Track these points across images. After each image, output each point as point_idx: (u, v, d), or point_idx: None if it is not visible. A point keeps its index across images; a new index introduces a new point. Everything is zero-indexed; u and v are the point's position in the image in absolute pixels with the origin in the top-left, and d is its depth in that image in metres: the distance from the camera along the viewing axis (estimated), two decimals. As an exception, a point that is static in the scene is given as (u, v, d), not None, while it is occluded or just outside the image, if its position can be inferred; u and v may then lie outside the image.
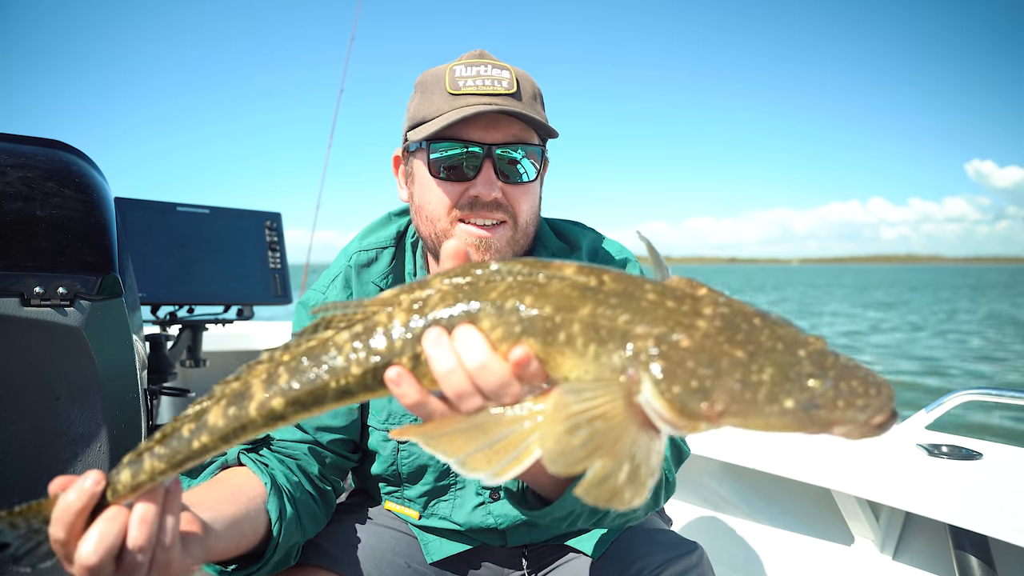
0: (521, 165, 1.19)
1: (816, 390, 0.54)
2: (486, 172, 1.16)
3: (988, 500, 1.54)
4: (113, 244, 1.23)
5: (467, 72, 1.16)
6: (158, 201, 2.48)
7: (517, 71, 1.19)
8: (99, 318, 1.18)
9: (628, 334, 0.58)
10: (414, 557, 1.29)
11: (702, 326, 0.57)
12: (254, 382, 0.70)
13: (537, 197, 1.25)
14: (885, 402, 0.55)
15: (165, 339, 2.49)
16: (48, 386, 1.16)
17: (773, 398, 0.54)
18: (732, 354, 0.56)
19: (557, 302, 0.60)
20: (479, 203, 1.16)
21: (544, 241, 1.33)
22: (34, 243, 1.15)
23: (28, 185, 1.19)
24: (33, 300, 1.13)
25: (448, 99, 1.15)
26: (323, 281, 1.34)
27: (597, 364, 0.58)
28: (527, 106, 1.18)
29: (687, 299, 0.60)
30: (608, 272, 0.62)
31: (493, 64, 1.18)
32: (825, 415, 0.54)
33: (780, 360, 0.56)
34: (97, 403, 1.19)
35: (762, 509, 2.27)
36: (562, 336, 0.59)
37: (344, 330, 0.67)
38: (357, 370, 0.66)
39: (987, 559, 1.67)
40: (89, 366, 1.18)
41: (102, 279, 1.18)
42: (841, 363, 0.56)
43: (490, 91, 1.15)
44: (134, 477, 0.74)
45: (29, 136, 1.30)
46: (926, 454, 1.83)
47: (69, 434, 1.18)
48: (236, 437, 0.71)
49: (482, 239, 1.17)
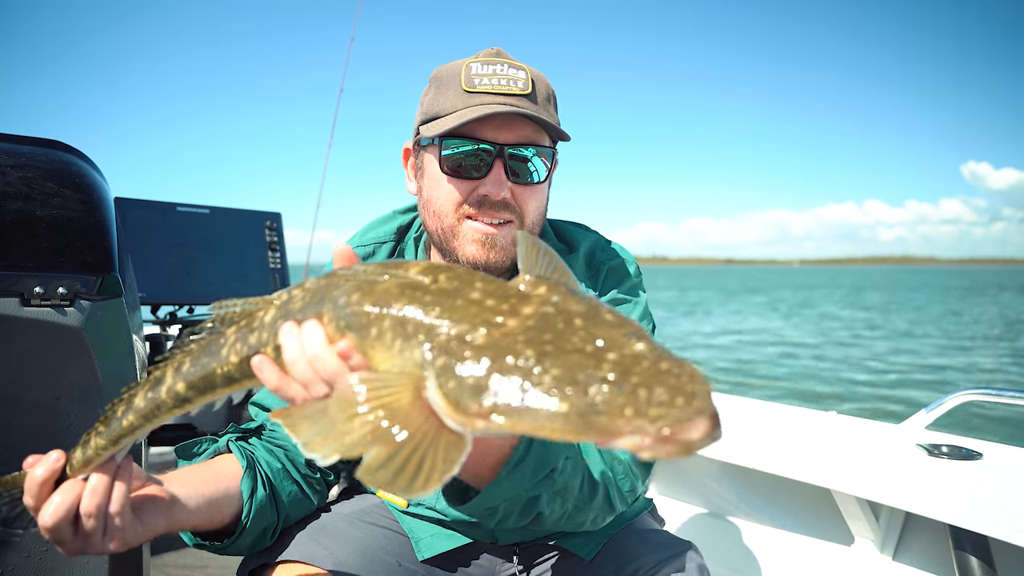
0: (531, 165, 1.19)
1: (601, 395, 0.50)
2: (496, 171, 1.16)
3: (988, 500, 1.54)
4: (113, 244, 1.23)
5: (483, 70, 1.16)
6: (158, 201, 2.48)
7: (533, 72, 1.19)
8: (99, 318, 1.18)
9: (431, 331, 0.59)
10: (405, 556, 1.29)
11: (510, 324, 0.57)
12: (168, 369, 0.83)
13: (545, 198, 1.26)
14: (689, 414, 0.48)
15: (165, 339, 2.49)
16: (48, 386, 1.17)
17: (547, 401, 0.51)
18: (521, 353, 0.54)
19: (377, 299, 0.65)
20: (487, 202, 1.17)
21: (544, 240, 1.33)
22: (34, 243, 1.15)
23: (28, 185, 1.19)
24: (33, 300, 1.13)
25: (463, 96, 1.16)
26: None
27: (401, 359, 0.61)
28: (541, 108, 1.18)
29: (514, 298, 0.60)
30: (447, 271, 0.65)
31: (509, 63, 1.18)
32: (606, 422, 0.49)
33: (574, 362, 0.52)
34: (97, 403, 1.20)
35: (762, 509, 2.27)
36: (374, 331, 0.64)
37: (233, 324, 0.79)
38: (235, 358, 0.76)
39: (987, 559, 1.67)
40: (89, 366, 1.18)
41: (102, 279, 1.19)
42: (658, 369, 0.51)
43: (505, 91, 1.15)
44: (84, 453, 0.86)
45: (29, 136, 1.31)
46: (926, 454, 1.83)
47: (69, 434, 1.18)
48: (155, 416, 0.83)
49: (488, 236, 1.18)
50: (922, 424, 2.13)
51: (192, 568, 2.74)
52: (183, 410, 0.83)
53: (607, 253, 1.35)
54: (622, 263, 1.35)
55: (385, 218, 1.40)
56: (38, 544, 1.18)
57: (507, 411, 0.53)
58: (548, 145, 1.21)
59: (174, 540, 2.97)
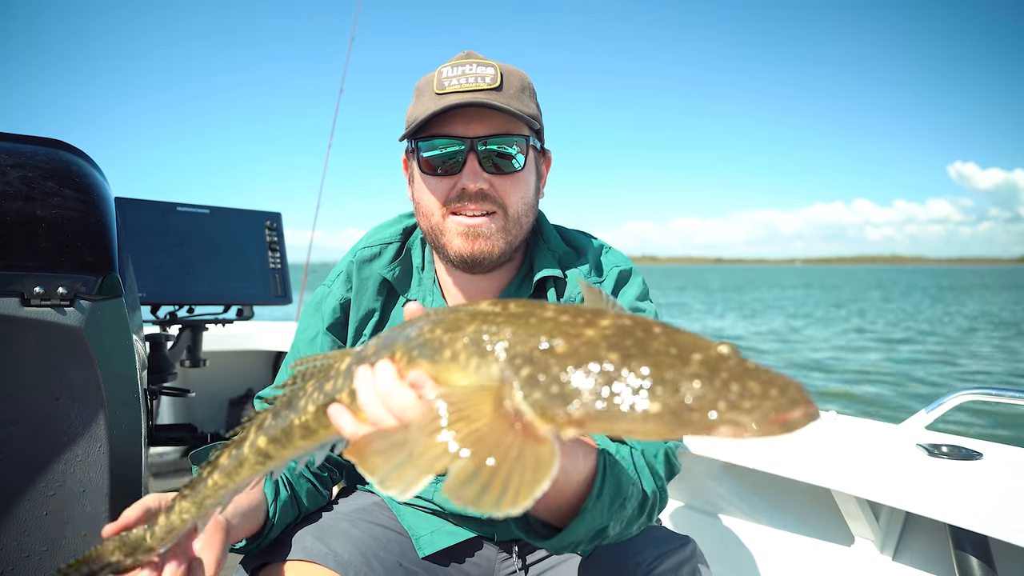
0: (507, 156, 1.21)
1: (692, 392, 0.50)
2: (470, 164, 1.20)
3: (988, 500, 1.54)
4: (113, 244, 1.23)
5: (452, 72, 1.20)
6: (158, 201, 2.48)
7: (505, 67, 1.21)
8: (99, 318, 1.18)
9: (509, 345, 0.59)
10: (406, 555, 1.29)
11: (589, 334, 0.57)
12: (252, 427, 0.84)
13: (529, 187, 1.27)
14: (785, 403, 0.49)
15: (165, 339, 2.49)
16: (48, 386, 1.17)
17: (638, 401, 0.51)
18: (606, 358, 0.54)
19: (448, 325, 0.65)
20: (467, 195, 1.20)
21: (550, 244, 1.35)
22: (34, 243, 1.15)
23: (28, 185, 1.19)
24: (33, 300, 1.13)
25: (434, 99, 1.19)
26: (330, 277, 1.41)
27: (478, 375, 0.61)
28: (512, 98, 1.20)
29: (588, 314, 0.60)
30: (516, 301, 0.66)
31: (478, 62, 1.21)
32: (699, 418, 0.50)
33: (660, 363, 0.53)
34: (97, 403, 1.20)
35: (761, 509, 2.27)
36: (447, 353, 0.63)
37: (312, 378, 0.80)
38: (312, 408, 0.76)
39: (987, 559, 1.67)
40: (89, 366, 1.18)
41: (102, 279, 1.18)
42: (745, 368, 0.52)
43: (472, 87, 1.18)
44: (168, 519, 0.89)
45: (29, 136, 1.31)
46: (926, 454, 1.83)
47: (69, 434, 1.18)
48: (237, 474, 0.84)
49: (471, 227, 1.21)
50: (922, 424, 2.13)
51: (192, 568, 2.74)
52: (265, 468, 0.82)
53: (613, 260, 1.37)
54: (630, 270, 1.36)
55: (392, 221, 1.45)
56: (38, 544, 1.18)
57: (598, 415, 0.52)
58: (523, 134, 1.22)
59: (174, 540, 2.97)
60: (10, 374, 1.15)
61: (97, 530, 1.20)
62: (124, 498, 1.23)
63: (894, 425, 2.20)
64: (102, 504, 1.21)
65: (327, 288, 1.38)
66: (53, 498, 1.17)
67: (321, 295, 1.39)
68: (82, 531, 1.20)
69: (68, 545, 1.19)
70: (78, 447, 1.19)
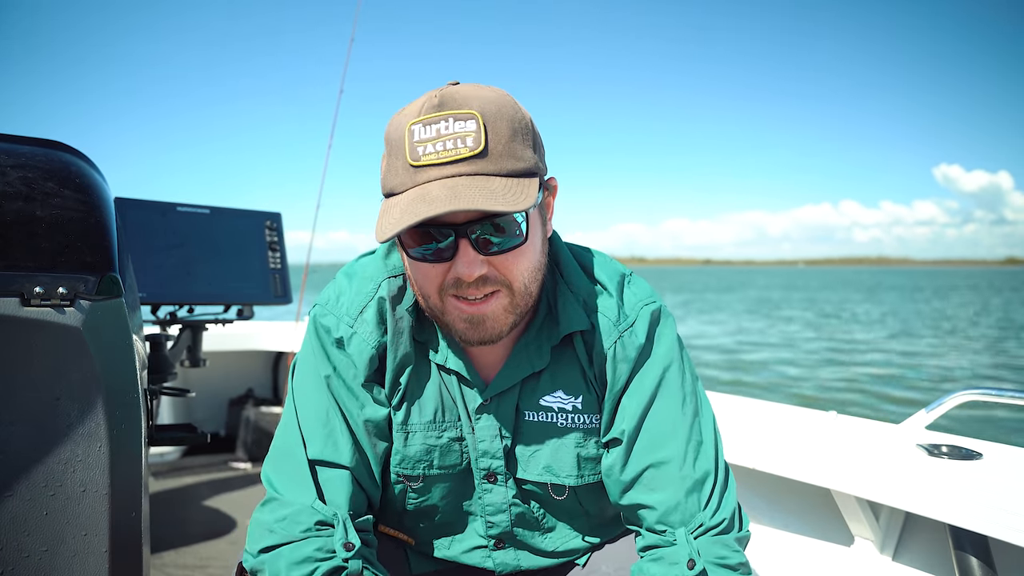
0: (503, 232, 1.01)
1: None
2: (463, 253, 0.99)
3: (988, 500, 1.54)
4: (113, 244, 1.23)
5: (426, 134, 0.97)
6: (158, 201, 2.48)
7: (486, 113, 0.97)
8: (99, 318, 1.18)
9: None
10: (396, 570, 1.29)
11: None
12: None
13: (534, 253, 1.06)
14: None
15: (165, 339, 2.49)
16: (48, 386, 1.17)
17: None
18: None
19: None
20: (463, 284, 1.02)
21: (572, 284, 1.16)
22: (34, 243, 1.15)
23: (28, 185, 1.19)
24: (33, 300, 1.13)
25: (410, 172, 0.98)
26: (348, 309, 1.16)
27: None
28: (501, 157, 0.97)
29: None
30: None
31: (455, 115, 0.96)
32: None
33: None
34: (97, 403, 1.20)
35: (761, 509, 2.27)
36: None
37: None
38: None
39: (987, 559, 1.67)
40: (89, 366, 1.18)
41: (102, 279, 1.18)
42: None
43: (452, 157, 0.95)
44: None
45: (29, 136, 1.31)
46: (926, 454, 1.83)
47: (69, 434, 1.18)
48: None
49: (473, 315, 1.04)
50: (922, 424, 2.13)
51: (192, 568, 2.74)
52: None
53: (640, 292, 1.19)
54: (660, 308, 1.19)
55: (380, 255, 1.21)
56: (38, 544, 1.18)
57: None
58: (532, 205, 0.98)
59: (174, 539, 2.98)
60: (10, 374, 1.15)
61: (97, 530, 1.21)
62: (124, 498, 1.23)
63: (894, 425, 2.20)
64: (102, 504, 1.21)
65: (350, 327, 1.14)
66: (53, 498, 1.17)
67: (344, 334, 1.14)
68: (82, 531, 1.20)
69: (68, 545, 1.19)
70: (78, 447, 1.19)
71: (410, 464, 1.18)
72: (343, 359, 1.14)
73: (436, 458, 1.18)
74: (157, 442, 1.90)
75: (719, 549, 1.06)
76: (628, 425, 1.12)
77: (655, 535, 1.10)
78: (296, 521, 1.04)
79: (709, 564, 1.04)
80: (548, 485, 1.19)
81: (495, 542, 1.25)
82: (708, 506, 1.08)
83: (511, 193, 0.96)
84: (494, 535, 1.24)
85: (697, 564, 1.02)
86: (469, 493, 1.23)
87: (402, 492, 1.22)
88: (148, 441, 1.42)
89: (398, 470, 1.19)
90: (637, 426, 1.12)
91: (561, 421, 1.17)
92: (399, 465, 1.19)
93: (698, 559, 1.03)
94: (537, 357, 1.15)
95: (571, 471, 1.17)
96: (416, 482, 1.20)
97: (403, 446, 1.17)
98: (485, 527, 1.24)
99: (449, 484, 1.21)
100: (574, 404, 1.16)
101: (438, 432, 1.18)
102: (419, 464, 1.18)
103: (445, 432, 1.18)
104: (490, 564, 1.27)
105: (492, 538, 1.25)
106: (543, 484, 1.19)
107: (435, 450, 1.18)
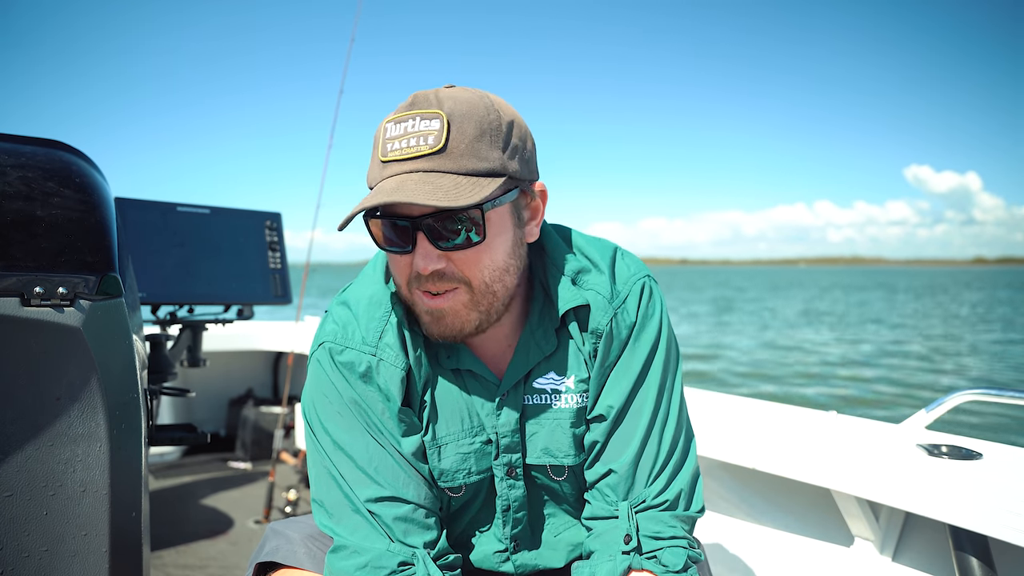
0: (456, 227, 1.00)
1: None
2: (421, 245, 1.01)
3: (988, 500, 1.54)
4: (113, 244, 1.23)
5: (395, 131, 1.00)
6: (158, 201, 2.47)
7: (454, 113, 0.98)
8: (99, 318, 1.18)
9: None
10: None
11: None
12: None
13: (496, 251, 1.04)
14: None
15: (165, 339, 2.49)
16: (48, 386, 1.17)
17: None
18: None
19: None
20: (421, 277, 1.03)
21: (559, 265, 1.17)
22: (34, 243, 1.15)
23: (28, 185, 1.19)
24: (33, 300, 1.13)
25: (379, 168, 1.01)
26: (365, 337, 1.13)
27: None
28: (462, 156, 0.98)
29: None
30: None
31: (422, 115, 0.98)
32: None
33: None
34: (97, 403, 1.20)
35: (761, 509, 2.27)
36: None
37: None
38: None
39: (987, 559, 1.67)
40: (89, 366, 1.18)
41: (102, 279, 1.18)
42: None
43: (413, 153, 0.97)
44: None
45: (29, 136, 1.31)
46: (926, 454, 1.83)
47: (69, 434, 1.18)
48: None
49: (432, 309, 1.05)
50: (922, 424, 2.13)
51: (192, 568, 2.74)
52: None
53: (631, 265, 1.21)
54: (647, 278, 1.21)
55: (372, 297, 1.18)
56: (38, 544, 1.18)
57: None
58: (474, 205, 0.96)
59: (174, 539, 2.98)
60: (10, 374, 1.15)
61: (97, 530, 1.21)
62: (124, 498, 1.23)
63: (894, 425, 2.20)
64: (102, 504, 1.21)
65: (371, 355, 1.11)
66: (53, 498, 1.18)
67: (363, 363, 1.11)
68: (82, 531, 1.20)
69: (68, 545, 1.19)
70: (78, 447, 1.19)
71: (449, 476, 1.17)
72: (372, 393, 1.11)
73: (473, 464, 1.17)
74: (157, 442, 1.90)
75: (654, 525, 1.10)
76: (616, 402, 1.14)
77: (601, 500, 1.14)
78: (378, 567, 1.04)
79: (644, 538, 1.09)
80: (548, 467, 1.19)
81: (514, 545, 1.24)
82: (655, 483, 1.12)
83: (458, 190, 0.95)
84: (514, 535, 1.23)
85: (632, 539, 1.08)
86: (493, 494, 1.22)
87: (447, 503, 1.21)
88: (148, 441, 1.42)
89: (440, 485, 1.18)
90: (624, 405, 1.14)
91: (555, 402, 1.18)
92: (440, 479, 1.17)
93: (635, 535, 1.09)
94: (544, 341, 1.16)
95: (569, 451, 1.18)
96: (458, 493, 1.19)
97: (438, 461, 1.16)
98: (503, 526, 1.23)
99: (485, 487, 1.21)
100: (566, 384, 1.17)
101: (470, 439, 1.17)
102: (458, 474, 1.17)
103: (476, 436, 1.17)
104: (509, 567, 1.25)
105: (512, 539, 1.24)
106: (542, 467, 1.19)
107: (470, 457, 1.17)
